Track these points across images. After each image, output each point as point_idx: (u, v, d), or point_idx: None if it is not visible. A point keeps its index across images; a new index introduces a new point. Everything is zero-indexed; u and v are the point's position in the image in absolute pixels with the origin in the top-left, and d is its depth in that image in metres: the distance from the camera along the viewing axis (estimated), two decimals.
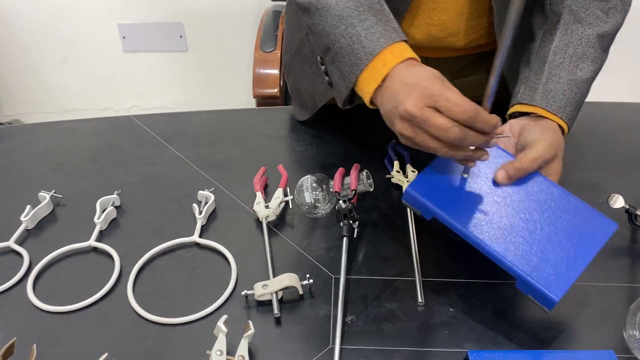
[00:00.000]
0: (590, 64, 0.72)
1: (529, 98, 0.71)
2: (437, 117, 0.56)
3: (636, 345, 0.56)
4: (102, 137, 0.93)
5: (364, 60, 0.64)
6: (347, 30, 0.65)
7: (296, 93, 0.96)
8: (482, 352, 0.56)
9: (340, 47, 0.66)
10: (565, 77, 0.71)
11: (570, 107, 0.71)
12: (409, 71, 0.61)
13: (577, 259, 0.59)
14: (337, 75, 0.69)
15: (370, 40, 0.63)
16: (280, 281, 0.63)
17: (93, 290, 0.65)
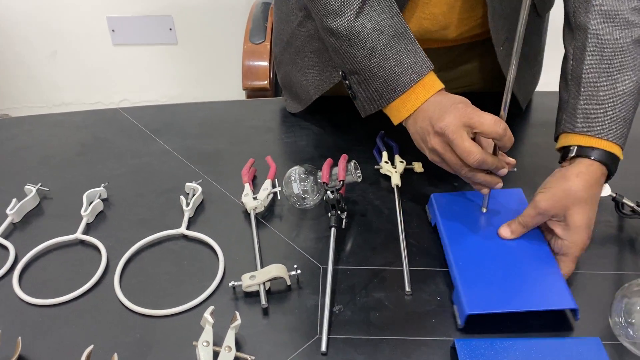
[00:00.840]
0: (632, 73, 0.66)
1: (570, 125, 0.68)
2: (464, 141, 0.62)
3: (622, 332, 0.57)
4: (90, 130, 0.93)
5: (397, 92, 0.69)
6: (380, 63, 0.70)
7: (288, 85, 0.96)
8: (469, 341, 0.56)
9: (372, 76, 0.71)
10: (604, 95, 0.66)
11: (617, 124, 0.66)
12: (443, 98, 0.68)
13: (514, 301, 0.59)
14: (365, 96, 0.74)
15: (403, 75, 0.69)
16: (267, 272, 0.63)
17: (80, 283, 0.65)
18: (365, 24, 0.70)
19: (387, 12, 0.70)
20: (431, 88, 0.69)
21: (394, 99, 0.70)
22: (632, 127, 0.71)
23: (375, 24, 0.70)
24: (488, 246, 0.66)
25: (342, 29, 0.71)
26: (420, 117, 0.68)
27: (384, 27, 0.70)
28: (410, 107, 0.69)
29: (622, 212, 0.72)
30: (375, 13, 0.70)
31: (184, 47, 2.05)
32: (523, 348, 0.55)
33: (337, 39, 0.73)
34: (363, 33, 0.70)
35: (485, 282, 0.61)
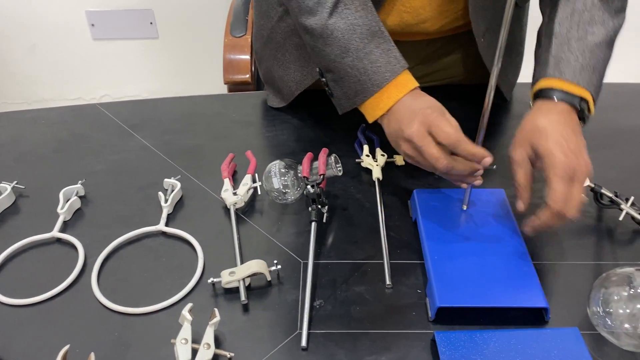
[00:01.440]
0: (601, 27, 0.70)
1: (543, 73, 0.69)
2: (430, 147, 0.63)
3: (600, 322, 0.57)
4: (67, 126, 0.91)
5: (370, 91, 0.69)
6: (353, 62, 0.70)
7: (270, 81, 0.95)
8: (449, 333, 0.56)
9: (346, 74, 0.71)
10: (575, 45, 0.69)
11: (587, 72, 0.67)
12: (413, 100, 0.68)
13: (485, 296, 0.59)
14: (340, 94, 0.74)
15: (376, 74, 0.69)
16: (247, 268, 0.63)
17: (56, 282, 0.64)
18: (338, 23, 0.70)
19: (361, 10, 0.70)
20: (404, 87, 0.69)
21: (367, 98, 0.70)
22: (607, 118, 0.72)
23: (348, 23, 0.69)
24: (465, 242, 0.66)
25: (316, 27, 0.71)
26: (392, 119, 0.69)
27: (357, 25, 0.69)
28: (383, 106, 0.69)
29: (600, 203, 0.73)
30: (349, 11, 0.70)
31: (166, 41, 2.02)
32: (502, 339, 0.55)
33: (312, 37, 0.72)
34: (336, 32, 0.70)
35: (459, 276, 0.61)
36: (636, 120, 0.91)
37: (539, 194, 0.65)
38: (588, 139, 0.84)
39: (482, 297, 0.59)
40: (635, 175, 0.80)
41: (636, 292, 0.55)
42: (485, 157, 0.63)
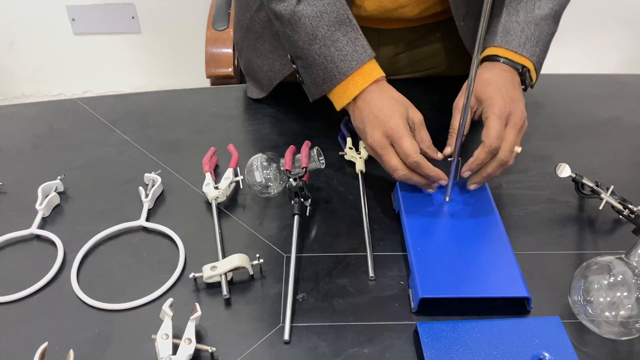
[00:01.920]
0: (548, 1, 0.74)
1: (491, 40, 0.74)
2: (391, 157, 0.66)
3: (581, 310, 0.57)
4: (46, 122, 0.90)
5: (337, 78, 0.70)
6: (320, 50, 0.70)
7: (250, 72, 0.94)
8: (431, 324, 0.56)
9: (314, 61, 0.71)
10: (522, 17, 0.73)
11: (531, 43, 0.72)
12: (378, 100, 0.68)
13: (467, 287, 0.59)
14: (309, 80, 0.75)
15: (343, 62, 0.70)
16: (229, 262, 0.62)
17: (35, 279, 0.63)
18: (306, 9, 0.70)
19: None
20: (369, 76, 0.70)
21: (334, 86, 0.71)
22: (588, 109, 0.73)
23: (316, 10, 0.70)
24: (447, 234, 0.66)
25: (285, 13, 0.71)
26: (357, 116, 0.70)
27: (324, 12, 0.70)
28: (349, 95, 0.70)
29: (582, 193, 0.73)
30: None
31: (148, 35, 2.00)
32: (484, 329, 0.56)
33: (281, 23, 0.73)
34: (304, 18, 0.70)
35: (441, 268, 0.61)
36: (616, 111, 0.92)
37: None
38: (571, 130, 0.86)
39: (464, 287, 0.59)
40: (616, 165, 0.81)
41: (616, 280, 0.56)
42: (441, 179, 0.67)
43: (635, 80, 1.01)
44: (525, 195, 0.75)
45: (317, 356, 0.55)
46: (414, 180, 0.67)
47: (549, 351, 0.54)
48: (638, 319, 0.54)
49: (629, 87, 0.98)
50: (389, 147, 0.66)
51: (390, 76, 0.99)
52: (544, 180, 0.77)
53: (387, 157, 0.66)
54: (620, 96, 0.96)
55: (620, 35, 2.04)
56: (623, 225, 0.70)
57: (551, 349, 0.54)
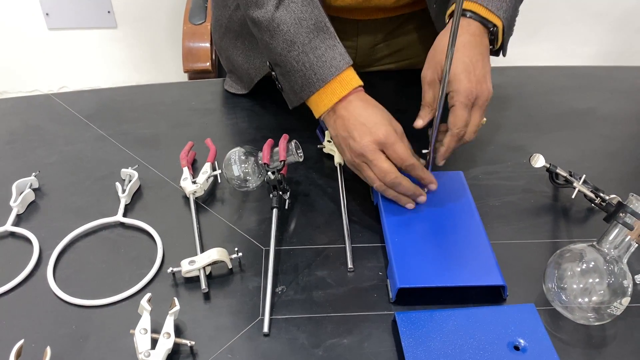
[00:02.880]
0: None
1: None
2: (382, 161, 0.66)
3: (555, 297, 0.58)
4: (20, 117, 0.88)
5: (315, 86, 0.69)
6: (299, 57, 0.69)
7: (232, 69, 0.94)
8: (409, 313, 0.57)
9: (292, 68, 0.71)
10: None
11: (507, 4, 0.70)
12: (362, 109, 0.68)
13: (444, 276, 0.60)
14: (288, 87, 0.74)
15: (321, 68, 0.69)
16: (208, 256, 0.62)
17: (10, 277, 0.62)
18: (284, 16, 0.69)
19: (308, 4, 0.70)
20: (348, 84, 0.69)
21: (313, 93, 0.70)
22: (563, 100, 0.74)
23: (294, 17, 0.69)
24: (424, 225, 0.67)
25: (263, 20, 0.70)
26: (339, 123, 0.69)
27: (303, 19, 0.69)
28: (327, 102, 0.69)
29: (556, 182, 0.74)
30: (295, 5, 0.69)
31: (124, 30, 1.97)
32: (461, 317, 0.56)
33: (259, 29, 0.72)
34: (282, 25, 0.69)
35: (418, 258, 0.62)
36: (590, 103, 0.93)
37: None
38: (545, 121, 0.87)
39: (441, 277, 0.60)
40: (589, 155, 0.82)
41: (588, 267, 0.57)
42: (432, 183, 0.68)
43: (608, 72, 1.03)
44: (500, 186, 0.76)
45: (297, 348, 0.56)
46: (402, 186, 0.66)
47: (524, 337, 0.55)
48: (610, 305, 0.56)
49: (602, 79, 1.00)
50: (379, 152, 0.66)
51: (369, 67, 0.99)
52: (519, 170, 0.78)
53: (378, 162, 0.65)
54: (594, 88, 0.97)
55: (594, 29, 2.07)
56: (595, 214, 0.72)
57: (526, 336, 0.55)
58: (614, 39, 2.12)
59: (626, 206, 0.57)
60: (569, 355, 0.55)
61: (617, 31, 2.09)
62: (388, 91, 0.94)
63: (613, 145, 0.84)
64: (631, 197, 0.58)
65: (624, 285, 0.56)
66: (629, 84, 0.99)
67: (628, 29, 2.08)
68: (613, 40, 2.12)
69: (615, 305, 0.55)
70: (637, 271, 0.64)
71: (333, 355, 0.55)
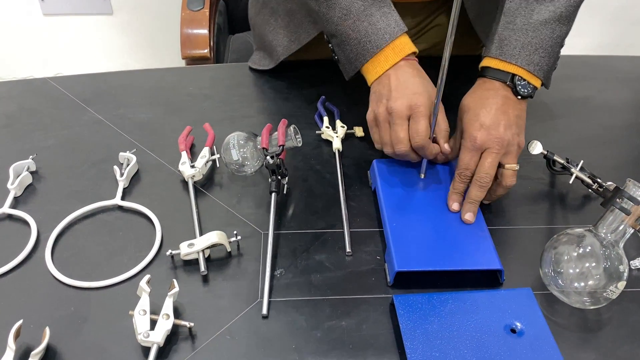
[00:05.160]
0: (549, 4, 0.71)
1: (487, 51, 0.72)
2: (402, 130, 0.67)
3: (551, 281, 0.59)
4: (16, 101, 0.88)
5: (370, 52, 0.71)
6: (354, 24, 0.71)
7: (261, 45, 0.96)
8: (407, 296, 0.57)
9: (348, 37, 0.72)
10: (519, 23, 0.70)
11: (526, 51, 0.70)
12: (410, 77, 0.69)
13: (442, 260, 0.60)
14: (343, 57, 0.75)
15: (376, 35, 0.70)
16: (206, 239, 0.62)
17: (8, 259, 0.62)
18: None
19: None
20: (400, 51, 0.70)
21: (367, 60, 0.71)
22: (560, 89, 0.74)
23: None
24: (422, 209, 0.67)
25: None
26: (384, 82, 0.70)
27: None
28: (379, 70, 0.71)
29: (553, 169, 0.75)
30: None
31: (120, 16, 1.96)
32: (458, 300, 0.57)
33: (317, 1, 0.74)
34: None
35: (417, 242, 0.62)
36: (587, 91, 0.94)
37: None
38: (543, 109, 0.87)
39: (438, 260, 0.60)
40: (586, 143, 0.83)
41: (585, 251, 0.57)
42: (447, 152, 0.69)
43: (605, 62, 1.03)
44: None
45: (295, 329, 0.56)
46: (409, 157, 0.69)
47: (520, 321, 0.55)
48: (605, 289, 0.56)
49: (599, 68, 1.01)
50: (405, 121, 0.67)
51: None
52: None
53: (399, 127, 0.67)
54: (591, 77, 0.98)
55: (590, 21, 2.07)
56: (592, 200, 0.72)
57: (523, 319, 0.56)
58: (609, 31, 2.12)
59: (623, 191, 0.58)
60: (564, 338, 0.56)
61: (613, 23, 2.09)
62: None
63: (609, 133, 0.85)
64: (628, 182, 0.59)
65: (619, 270, 0.56)
66: (625, 73, 0.99)
67: (624, 21, 2.09)
68: (609, 32, 2.12)
69: (611, 290, 0.56)
70: (632, 256, 0.64)
71: (332, 337, 0.55)
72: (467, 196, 0.67)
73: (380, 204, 0.68)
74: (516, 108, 0.69)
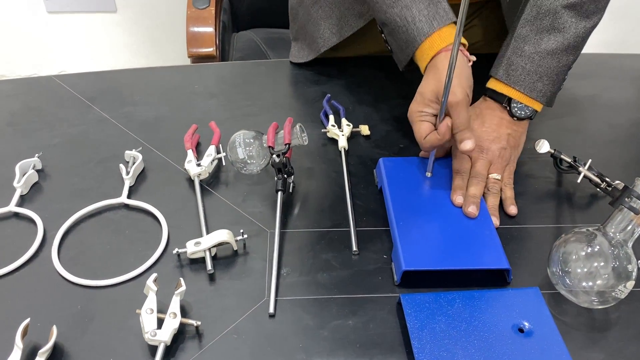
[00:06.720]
0: (559, 34, 0.72)
1: (495, 71, 0.75)
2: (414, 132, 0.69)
3: (559, 281, 0.59)
4: (21, 99, 0.88)
5: (418, 40, 0.71)
6: (402, 12, 0.72)
7: (302, 36, 0.96)
8: (414, 295, 0.57)
9: (397, 25, 0.73)
10: (527, 51, 0.72)
11: (531, 78, 0.72)
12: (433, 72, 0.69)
13: (449, 259, 0.60)
14: (396, 46, 0.76)
15: (423, 23, 0.70)
16: (213, 238, 0.62)
17: (15, 257, 0.62)
18: None
19: None
20: (446, 39, 0.70)
21: (416, 48, 0.71)
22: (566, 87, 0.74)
23: None
24: (429, 208, 0.67)
25: None
26: (431, 72, 0.70)
27: None
28: (427, 57, 0.71)
29: (560, 168, 0.74)
30: None
31: (124, 14, 1.96)
32: (465, 300, 0.57)
33: None
34: None
35: (424, 241, 0.62)
36: (594, 90, 0.93)
37: None
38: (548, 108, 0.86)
39: (446, 260, 0.60)
40: (593, 142, 0.82)
41: (593, 251, 0.57)
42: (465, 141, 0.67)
43: (612, 60, 1.03)
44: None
45: (302, 328, 0.56)
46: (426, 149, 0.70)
47: (528, 320, 0.55)
48: (614, 288, 0.56)
49: (606, 66, 1.00)
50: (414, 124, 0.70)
51: None
52: (523, 156, 0.78)
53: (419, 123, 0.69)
54: (598, 75, 0.97)
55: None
56: (600, 199, 0.72)
57: (531, 319, 0.55)
58: (616, 29, 2.11)
59: (632, 190, 0.58)
60: (572, 338, 0.56)
61: (619, 21, 2.08)
62: None
63: (616, 131, 0.84)
64: (637, 182, 0.58)
65: (628, 270, 0.56)
66: (632, 71, 0.99)
67: (631, 18, 2.08)
68: (615, 30, 2.11)
69: (619, 289, 0.56)
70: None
71: (338, 336, 0.55)
72: (467, 194, 0.68)
73: (386, 202, 0.68)
74: (510, 127, 0.74)
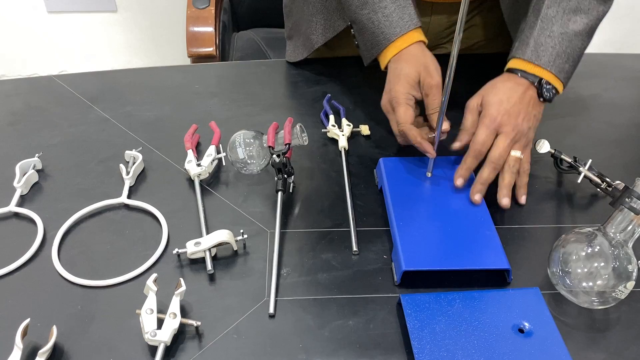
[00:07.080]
0: (584, 16, 0.73)
1: (521, 52, 0.73)
2: (392, 123, 0.74)
3: (559, 281, 0.59)
4: (22, 99, 0.88)
5: (383, 43, 0.75)
6: (369, 15, 0.75)
7: (296, 35, 0.96)
8: (414, 295, 0.57)
9: (364, 27, 0.77)
10: (557, 31, 0.72)
11: (560, 59, 0.72)
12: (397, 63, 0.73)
13: (449, 260, 0.60)
14: (362, 44, 0.80)
15: (388, 28, 0.74)
16: (213, 238, 0.62)
17: (15, 257, 0.62)
18: None
19: None
20: (409, 40, 0.73)
21: (381, 51, 0.75)
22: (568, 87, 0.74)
23: None
24: (429, 208, 0.67)
25: None
26: (392, 68, 0.74)
27: None
28: (389, 56, 0.74)
29: (560, 168, 0.74)
30: None
31: (125, 14, 1.96)
32: (465, 300, 0.57)
33: None
34: None
35: (424, 241, 0.62)
36: (594, 90, 0.93)
37: None
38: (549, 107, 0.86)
39: (446, 260, 0.60)
40: (593, 142, 0.82)
41: (593, 251, 0.57)
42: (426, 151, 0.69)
43: (612, 60, 1.03)
44: None
45: (303, 328, 0.56)
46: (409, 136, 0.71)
47: (528, 321, 0.55)
48: (614, 289, 0.56)
49: (606, 66, 1.00)
50: (391, 113, 0.73)
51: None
52: None
53: (390, 122, 0.74)
54: (598, 75, 0.97)
55: None
56: (600, 199, 0.72)
57: (531, 319, 0.55)
58: (617, 29, 2.11)
59: (633, 190, 0.57)
60: (573, 338, 0.56)
61: (620, 21, 2.08)
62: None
63: (617, 131, 0.84)
64: (637, 182, 0.58)
65: (628, 270, 0.56)
66: (633, 71, 0.99)
67: (632, 18, 2.07)
68: (616, 29, 2.11)
69: (620, 290, 0.56)
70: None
71: (339, 336, 0.55)
72: (479, 177, 0.68)
73: (387, 202, 0.68)
74: (536, 108, 0.72)
